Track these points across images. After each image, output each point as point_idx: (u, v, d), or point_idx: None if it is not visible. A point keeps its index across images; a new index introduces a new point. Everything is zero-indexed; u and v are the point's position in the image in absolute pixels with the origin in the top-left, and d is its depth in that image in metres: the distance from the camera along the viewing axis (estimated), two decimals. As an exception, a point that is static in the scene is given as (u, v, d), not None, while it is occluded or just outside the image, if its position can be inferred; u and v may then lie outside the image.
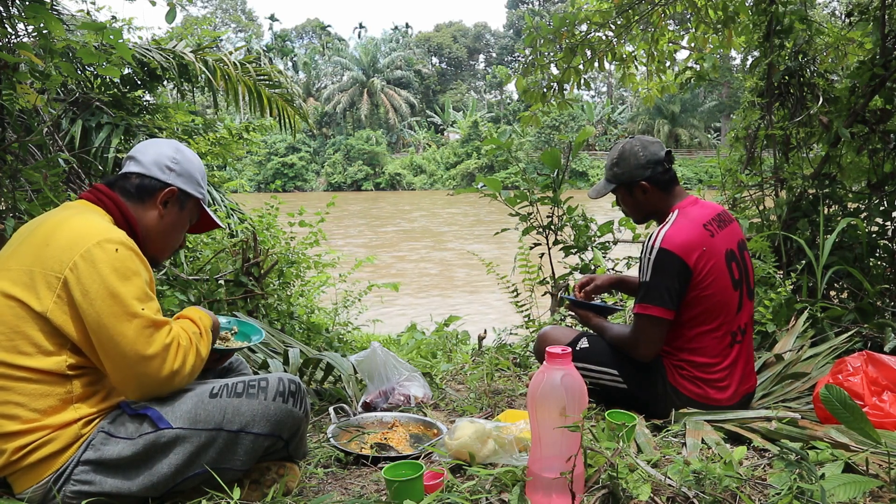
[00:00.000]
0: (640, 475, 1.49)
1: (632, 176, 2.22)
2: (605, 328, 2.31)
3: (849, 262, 3.27)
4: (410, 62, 56.47)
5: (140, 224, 1.62)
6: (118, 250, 1.45)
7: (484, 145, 4.46)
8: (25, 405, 1.41)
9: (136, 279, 1.46)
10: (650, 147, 2.23)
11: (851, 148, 3.51)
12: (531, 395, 1.50)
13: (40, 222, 1.53)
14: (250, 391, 1.56)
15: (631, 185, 2.24)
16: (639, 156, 2.21)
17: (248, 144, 5.58)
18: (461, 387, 2.91)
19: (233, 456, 1.53)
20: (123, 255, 1.45)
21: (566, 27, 4.97)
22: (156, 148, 1.67)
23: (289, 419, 1.58)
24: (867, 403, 1.94)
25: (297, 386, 1.62)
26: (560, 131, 40.56)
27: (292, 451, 1.66)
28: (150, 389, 1.49)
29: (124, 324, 1.41)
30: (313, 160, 47.03)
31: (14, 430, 1.41)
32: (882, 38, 3.37)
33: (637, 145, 2.24)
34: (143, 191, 1.63)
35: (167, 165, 1.65)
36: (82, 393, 1.48)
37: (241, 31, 59.61)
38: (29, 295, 1.42)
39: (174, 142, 1.72)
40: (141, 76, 4.03)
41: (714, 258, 2.08)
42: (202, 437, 1.50)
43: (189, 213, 1.73)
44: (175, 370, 1.46)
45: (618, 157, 2.26)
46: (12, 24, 2.72)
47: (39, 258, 1.43)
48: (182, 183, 1.67)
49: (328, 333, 4.29)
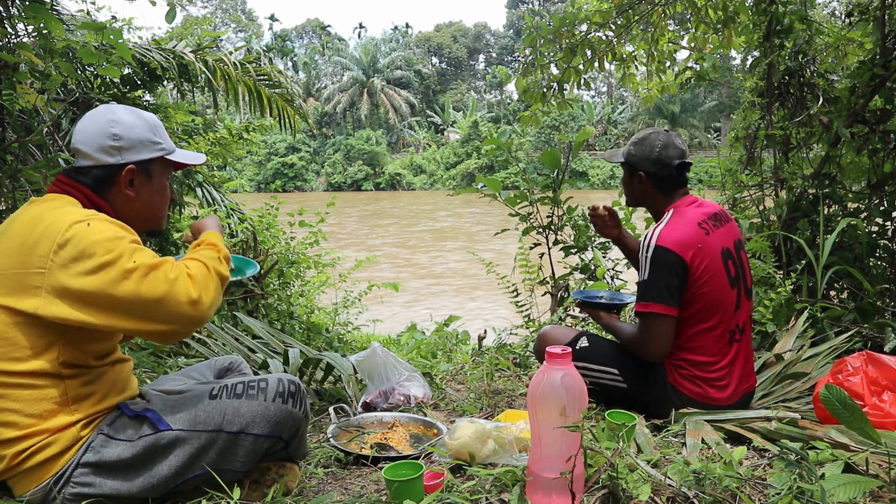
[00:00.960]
0: (640, 475, 1.49)
1: (637, 162, 2.25)
2: (616, 328, 2.30)
3: (849, 262, 3.27)
4: (410, 62, 56.47)
5: (115, 209, 1.57)
6: (90, 224, 1.42)
7: (484, 145, 4.46)
8: (21, 411, 1.41)
9: (118, 241, 1.42)
10: (670, 149, 2.20)
11: (851, 148, 3.51)
12: (531, 395, 1.50)
13: (10, 223, 1.50)
14: (250, 392, 1.55)
15: (634, 169, 2.27)
16: (655, 150, 2.21)
17: (248, 144, 5.58)
18: (461, 387, 2.91)
19: (233, 457, 1.53)
20: (96, 226, 1.42)
21: (566, 27, 4.97)
22: (92, 129, 1.55)
23: (289, 420, 1.57)
24: (867, 403, 1.94)
25: (297, 386, 1.61)
26: (560, 131, 40.54)
27: (292, 451, 1.66)
28: (183, 325, 1.43)
29: (126, 283, 1.38)
30: (313, 160, 47.01)
31: (12, 436, 1.41)
32: (882, 38, 3.37)
33: (660, 141, 2.22)
34: (103, 181, 1.56)
35: (111, 146, 1.54)
36: (77, 394, 1.47)
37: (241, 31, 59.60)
38: (14, 299, 1.40)
39: (106, 112, 1.58)
40: (141, 76, 4.03)
41: (709, 256, 2.08)
42: (202, 439, 1.50)
43: (160, 174, 1.65)
44: (195, 298, 1.41)
45: (639, 139, 2.28)
46: (12, 24, 2.72)
47: (19, 259, 1.41)
48: (135, 155, 1.57)
49: (328, 333, 4.30)
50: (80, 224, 1.41)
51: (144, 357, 2.95)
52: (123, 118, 1.57)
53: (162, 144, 1.63)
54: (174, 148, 1.68)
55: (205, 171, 4.91)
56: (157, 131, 1.63)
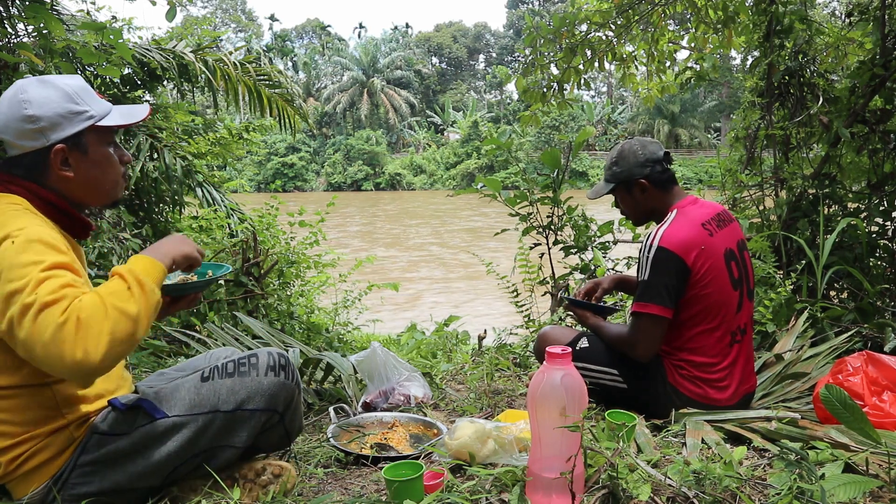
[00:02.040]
0: (640, 475, 1.49)
1: (630, 174, 2.23)
2: (602, 328, 2.31)
3: (849, 262, 3.27)
4: (410, 62, 56.47)
5: (59, 194, 1.45)
6: (14, 241, 1.27)
7: (484, 145, 4.47)
8: (11, 421, 1.39)
9: (30, 267, 1.24)
10: (649, 146, 2.25)
11: (851, 148, 3.51)
12: (531, 395, 1.50)
13: None
14: (241, 369, 1.55)
15: (630, 183, 2.25)
16: (637, 154, 2.23)
17: (248, 144, 5.59)
18: (461, 387, 2.91)
19: (231, 434, 1.53)
20: (20, 244, 1.26)
21: (566, 27, 4.97)
22: (7, 114, 1.39)
23: (282, 391, 1.57)
24: (867, 403, 1.94)
25: (286, 359, 1.61)
26: (560, 131, 40.55)
27: (287, 424, 1.64)
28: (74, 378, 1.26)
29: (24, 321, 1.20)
30: (313, 160, 47.02)
31: (5, 445, 1.39)
32: (882, 38, 3.37)
33: (636, 145, 2.27)
34: (35, 168, 1.42)
35: (29, 129, 1.38)
36: (66, 398, 1.45)
37: (241, 31, 59.60)
38: None
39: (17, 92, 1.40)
40: (141, 76, 4.03)
41: (712, 257, 2.08)
42: (199, 422, 1.49)
43: (97, 144, 1.47)
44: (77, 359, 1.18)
45: (617, 156, 2.28)
46: (12, 24, 2.72)
47: None
48: (59, 132, 1.40)
49: (328, 333, 4.30)
50: (6, 242, 1.27)
51: (144, 357, 2.95)
52: (34, 95, 1.39)
53: (88, 111, 1.44)
54: (107, 109, 1.49)
55: (205, 172, 4.92)
56: (80, 97, 1.44)
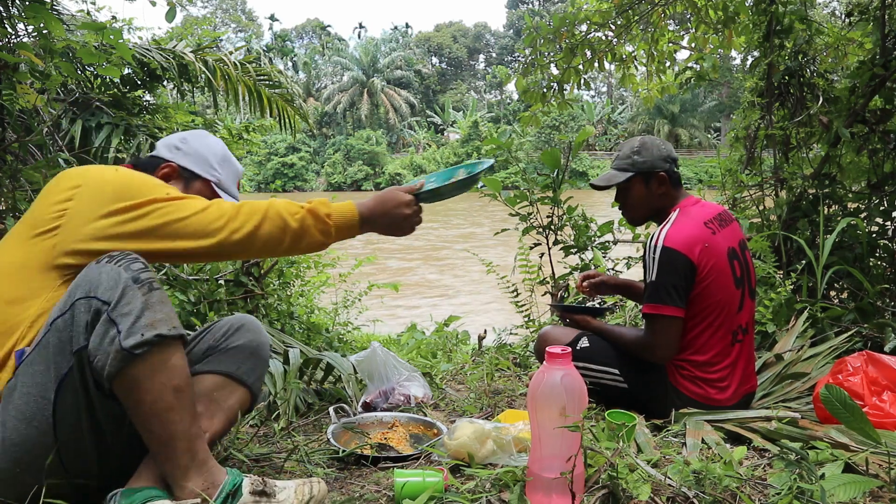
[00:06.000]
0: (640, 475, 1.49)
1: (654, 165, 2.22)
2: (613, 332, 2.30)
3: (849, 262, 3.27)
4: (410, 62, 56.46)
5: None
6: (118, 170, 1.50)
7: (484, 145, 4.46)
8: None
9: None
10: (666, 144, 2.29)
11: (851, 148, 3.51)
12: (531, 395, 1.50)
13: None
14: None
15: (650, 174, 2.23)
16: (661, 147, 2.25)
17: (248, 144, 5.58)
18: (461, 387, 2.91)
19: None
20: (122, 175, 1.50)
21: (566, 27, 4.97)
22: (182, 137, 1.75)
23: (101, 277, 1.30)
24: (867, 403, 1.94)
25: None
26: (560, 131, 40.57)
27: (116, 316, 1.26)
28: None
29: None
30: (313, 160, 47.03)
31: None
32: (882, 38, 3.37)
33: (656, 139, 2.30)
34: (147, 167, 1.67)
35: (175, 145, 1.72)
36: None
37: (241, 31, 59.60)
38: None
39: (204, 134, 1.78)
40: (141, 76, 4.03)
41: (715, 256, 2.08)
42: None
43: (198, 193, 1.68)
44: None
45: (639, 146, 2.27)
46: (12, 24, 2.72)
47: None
48: (184, 160, 1.71)
49: (328, 333, 4.29)
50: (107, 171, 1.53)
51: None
52: (204, 139, 1.76)
53: (218, 174, 1.74)
54: (228, 188, 1.78)
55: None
56: (224, 166, 1.76)
